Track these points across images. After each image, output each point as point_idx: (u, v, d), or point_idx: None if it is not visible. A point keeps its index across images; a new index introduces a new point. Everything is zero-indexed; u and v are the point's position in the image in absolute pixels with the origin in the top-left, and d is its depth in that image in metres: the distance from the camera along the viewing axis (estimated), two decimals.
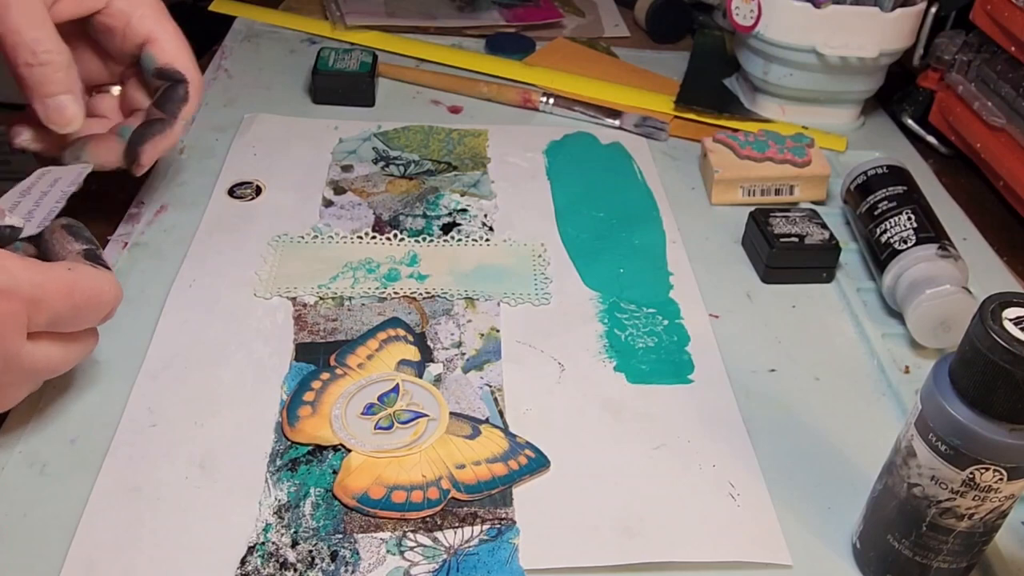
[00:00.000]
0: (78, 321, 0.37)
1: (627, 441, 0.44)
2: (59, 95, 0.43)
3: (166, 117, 0.48)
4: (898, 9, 0.66)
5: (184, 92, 0.48)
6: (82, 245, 0.40)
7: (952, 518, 0.34)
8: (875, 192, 0.57)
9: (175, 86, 0.48)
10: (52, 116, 0.44)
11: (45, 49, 0.42)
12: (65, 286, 0.36)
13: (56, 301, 0.35)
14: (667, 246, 0.57)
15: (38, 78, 0.43)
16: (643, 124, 0.69)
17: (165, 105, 0.48)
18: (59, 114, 0.44)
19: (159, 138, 0.47)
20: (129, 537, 0.37)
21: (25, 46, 0.42)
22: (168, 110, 0.48)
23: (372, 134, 0.66)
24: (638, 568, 0.38)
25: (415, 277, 0.52)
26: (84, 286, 0.37)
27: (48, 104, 0.44)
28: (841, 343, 0.51)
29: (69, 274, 0.36)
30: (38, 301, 0.35)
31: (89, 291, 0.37)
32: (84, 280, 0.37)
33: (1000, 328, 0.31)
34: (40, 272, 0.35)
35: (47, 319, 0.36)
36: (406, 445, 0.42)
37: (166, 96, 0.48)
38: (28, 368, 0.37)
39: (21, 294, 0.34)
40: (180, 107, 0.48)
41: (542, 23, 0.86)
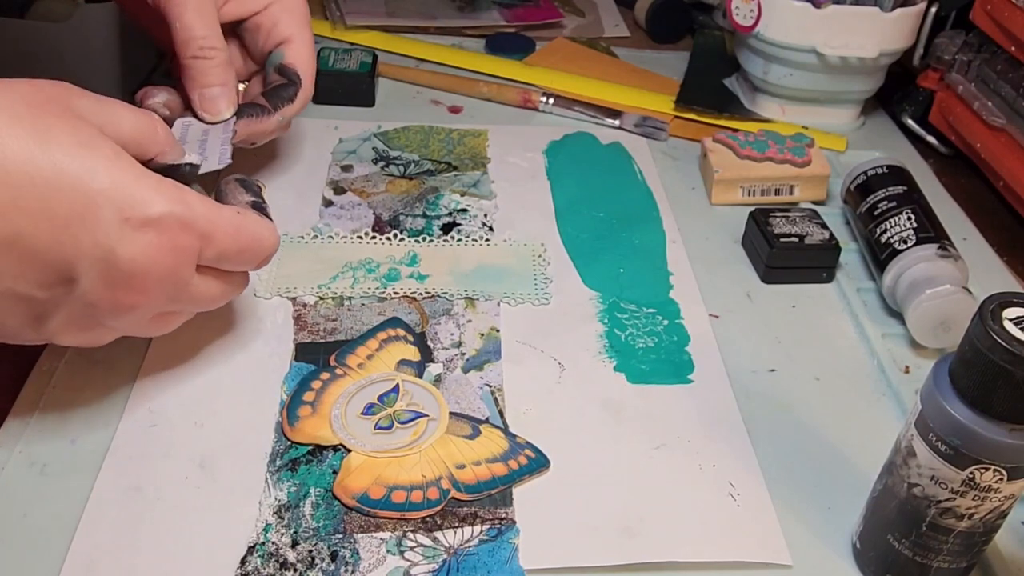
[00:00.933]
0: (240, 261, 0.40)
1: (627, 441, 0.44)
2: (215, 86, 0.48)
3: (267, 106, 0.50)
4: (898, 9, 0.66)
5: (293, 93, 0.51)
6: (251, 197, 0.43)
7: (952, 518, 0.34)
8: (875, 192, 0.57)
9: (288, 85, 0.51)
10: (205, 104, 0.48)
11: (212, 46, 0.47)
12: (234, 227, 0.39)
13: (225, 239, 0.38)
14: (667, 246, 0.57)
15: (200, 68, 0.47)
16: (643, 124, 0.69)
17: (271, 97, 0.51)
18: (212, 103, 0.48)
19: (253, 120, 0.50)
20: (129, 537, 0.37)
21: (195, 41, 0.47)
22: (272, 101, 0.50)
23: (372, 134, 0.66)
24: (638, 568, 0.38)
25: (415, 277, 0.52)
26: (250, 230, 0.40)
27: (204, 93, 0.48)
28: (841, 343, 0.51)
29: (238, 217, 0.39)
30: (210, 236, 0.38)
31: (254, 235, 0.40)
32: (251, 225, 0.40)
33: (1000, 328, 0.31)
34: (215, 210, 0.38)
35: (215, 254, 0.38)
36: (406, 445, 0.42)
37: (275, 90, 0.51)
38: (190, 298, 0.39)
39: (197, 227, 0.37)
40: (283, 104, 0.51)
41: (542, 23, 0.86)
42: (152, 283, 0.36)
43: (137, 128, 0.38)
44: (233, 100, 0.49)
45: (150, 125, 0.39)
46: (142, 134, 0.38)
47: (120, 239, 0.34)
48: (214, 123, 0.48)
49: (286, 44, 0.52)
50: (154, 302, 0.37)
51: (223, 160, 0.45)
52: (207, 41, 0.47)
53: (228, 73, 0.49)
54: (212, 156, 0.45)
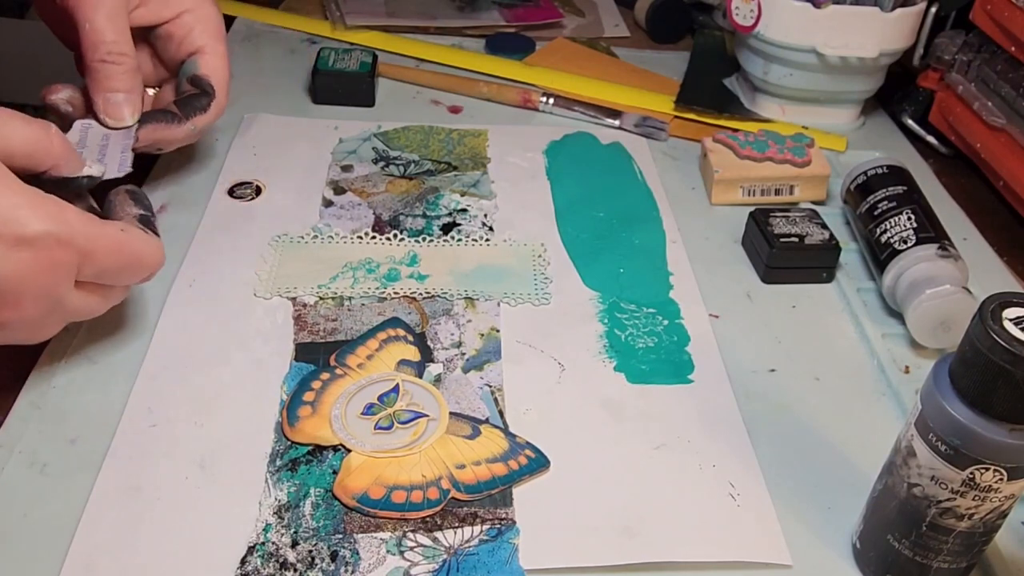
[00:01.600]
0: (120, 278, 0.41)
1: (627, 441, 0.44)
2: (120, 92, 0.48)
3: (178, 113, 0.50)
4: (898, 9, 0.66)
5: (206, 103, 0.51)
6: (139, 210, 0.43)
7: (952, 518, 0.34)
8: (875, 192, 0.57)
9: (201, 95, 0.51)
10: (109, 109, 0.48)
11: (120, 51, 0.47)
12: (115, 244, 0.39)
13: (105, 257, 0.38)
14: (667, 246, 0.57)
15: (107, 73, 0.47)
16: (643, 124, 0.69)
17: (183, 105, 0.50)
18: (116, 108, 0.48)
19: (162, 126, 0.49)
20: (129, 537, 0.37)
21: (104, 46, 0.47)
22: (184, 110, 0.50)
23: (372, 134, 0.66)
24: (638, 568, 0.38)
25: (415, 277, 0.52)
26: (132, 247, 0.40)
27: (108, 98, 0.48)
28: (841, 343, 0.51)
29: (121, 234, 0.39)
30: (90, 253, 0.38)
31: (136, 253, 0.40)
32: (133, 242, 0.40)
33: (1000, 328, 0.31)
34: (95, 227, 0.38)
35: (94, 271, 0.39)
36: (406, 445, 0.42)
37: (188, 100, 0.51)
38: (68, 311, 0.40)
39: (76, 245, 0.37)
40: (196, 113, 0.51)
41: (542, 23, 0.86)
42: (26, 300, 0.36)
43: (29, 140, 0.38)
44: (137, 107, 0.49)
45: (44, 138, 0.39)
46: (34, 147, 0.38)
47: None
48: (116, 128, 0.48)
49: (199, 54, 0.52)
50: (28, 316, 0.37)
51: (123, 168, 0.45)
52: (116, 47, 0.47)
53: (134, 80, 0.48)
54: (112, 164, 0.45)
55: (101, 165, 0.43)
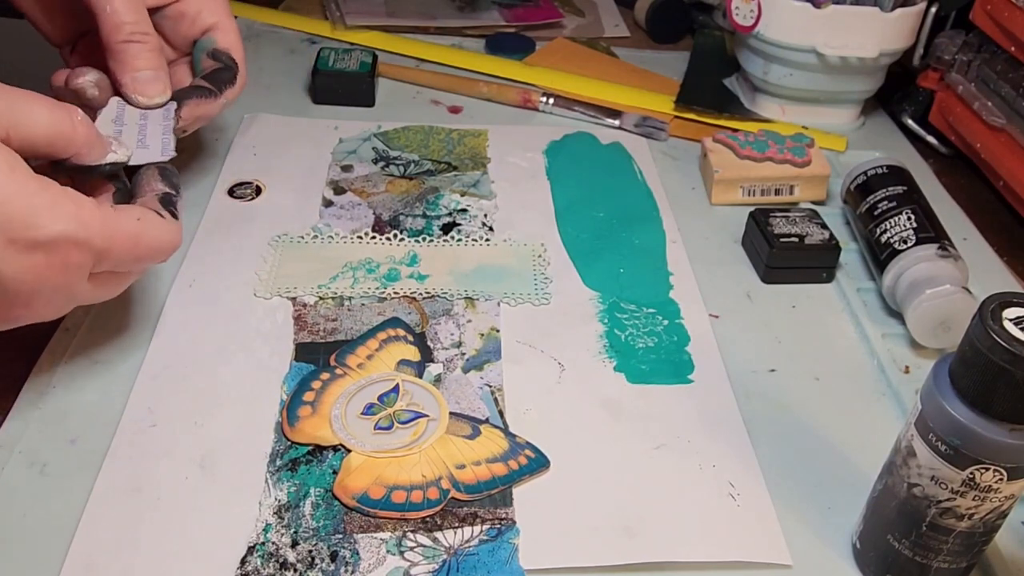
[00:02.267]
0: (135, 266, 0.40)
1: (627, 441, 0.44)
2: (147, 70, 0.47)
3: (212, 88, 0.50)
4: (898, 9, 0.66)
5: (232, 76, 0.52)
6: (164, 188, 0.42)
7: (952, 518, 0.34)
8: (875, 192, 0.57)
9: (225, 69, 0.51)
10: (139, 87, 0.47)
11: (142, 31, 0.47)
12: (132, 238, 0.38)
13: (121, 252, 0.38)
14: (667, 246, 0.57)
15: (133, 52, 0.47)
16: (643, 124, 0.69)
17: (213, 80, 0.51)
18: (147, 85, 0.47)
19: (201, 101, 0.50)
20: (129, 537, 0.37)
21: (126, 27, 0.46)
22: (216, 84, 0.51)
23: (372, 134, 0.66)
24: (638, 568, 0.38)
25: (415, 277, 0.52)
26: (149, 237, 0.39)
27: (137, 76, 0.47)
28: (841, 343, 0.51)
29: (137, 224, 0.39)
30: (106, 251, 0.37)
31: (152, 244, 0.39)
32: (150, 231, 0.39)
33: (1000, 328, 0.31)
34: (112, 223, 0.37)
35: (110, 265, 0.38)
36: (406, 445, 0.42)
37: (215, 74, 0.51)
38: (81, 300, 0.39)
39: (92, 245, 0.36)
40: (226, 86, 0.51)
41: (542, 23, 0.86)
42: (39, 299, 0.36)
43: (53, 128, 0.37)
44: (167, 84, 0.48)
45: (68, 125, 0.38)
46: (57, 134, 0.37)
47: (4, 259, 0.34)
48: (149, 107, 0.47)
49: (214, 30, 0.52)
50: (40, 313, 0.37)
51: (167, 152, 0.44)
52: (138, 27, 0.47)
53: (160, 58, 0.48)
54: (154, 146, 0.44)
55: (127, 149, 0.42)
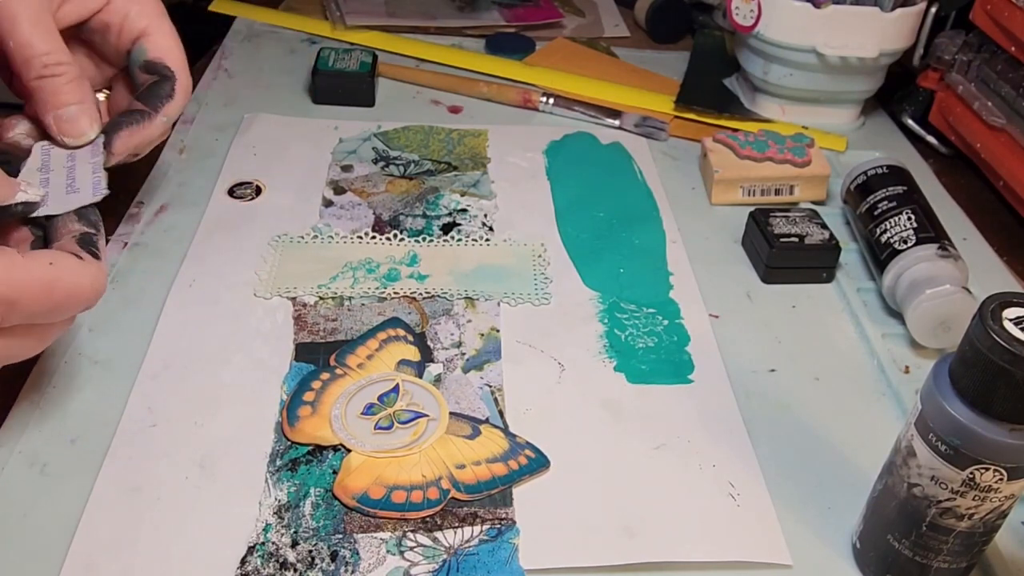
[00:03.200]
0: (54, 316, 0.36)
1: (627, 441, 0.44)
2: (71, 105, 0.42)
3: (146, 109, 0.45)
4: (898, 9, 0.66)
5: (170, 89, 0.46)
6: (82, 227, 0.39)
7: (952, 518, 0.34)
8: (875, 192, 0.57)
9: (161, 82, 0.46)
10: (64, 127, 0.42)
11: (57, 61, 0.41)
12: (44, 286, 0.34)
13: (33, 302, 0.34)
14: (667, 246, 0.57)
15: (50, 89, 0.42)
16: (643, 124, 0.69)
17: (148, 99, 0.45)
18: (72, 124, 0.42)
19: (135, 128, 0.44)
20: (129, 537, 0.37)
21: (37, 59, 0.41)
22: (150, 103, 0.45)
23: (372, 134, 0.66)
24: (638, 568, 0.38)
25: (415, 277, 0.52)
26: (64, 283, 0.35)
27: (60, 115, 0.42)
28: (841, 343, 0.51)
29: (50, 270, 0.35)
30: (14, 302, 0.33)
31: (69, 288, 0.35)
32: (65, 276, 0.35)
33: (1000, 328, 0.31)
34: (21, 270, 0.34)
35: (22, 318, 0.34)
36: (406, 445, 0.42)
37: (150, 90, 0.46)
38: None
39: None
40: (163, 103, 0.45)
41: (542, 23, 0.86)
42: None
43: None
44: (95, 117, 0.43)
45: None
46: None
47: None
48: (78, 146, 0.43)
49: (144, 37, 0.46)
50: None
51: (98, 191, 0.41)
52: (51, 57, 0.41)
53: (83, 88, 0.43)
54: (85, 187, 0.41)
55: (37, 188, 0.38)
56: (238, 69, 0.74)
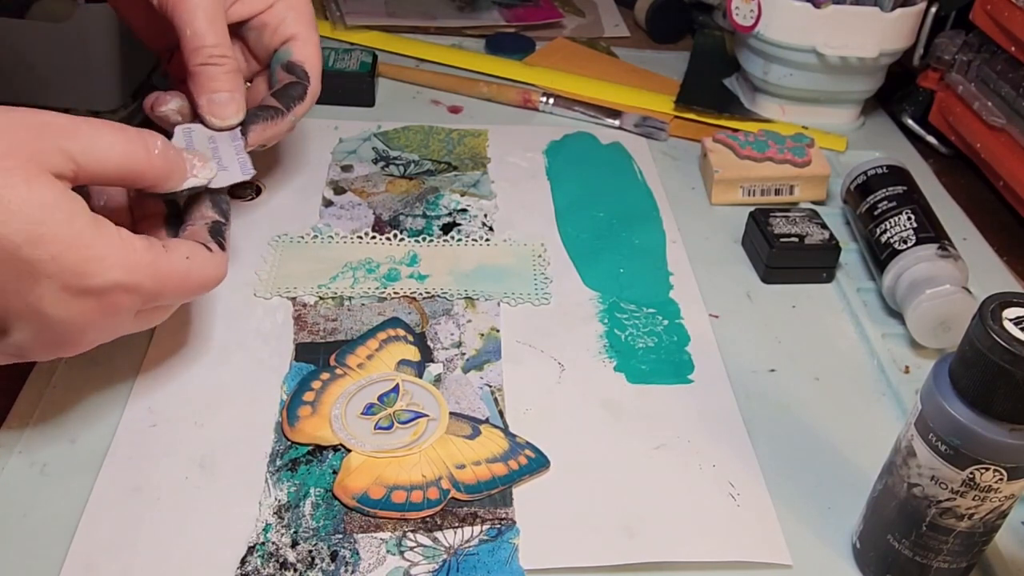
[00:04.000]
0: (182, 301, 0.40)
1: (627, 441, 0.44)
2: (224, 92, 0.47)
3: (279, 107, 0.49)
4: (898, 9, 0.66)
5: (302, 91, 0.50)
6: (215, 216, 0.42)
7: (952, 518, 0.34)
8: (875, 192, 0.57)
9: (296, 84, 0.50)
10: (214, 109, 0.47)
11: (222, 54, 0.47)
12: (180, 279, 0.38)
13: (171, 293, 0.38)
14: (667, 246, 0.57)
15: (210, 75, 0.47)
16: (643, 124, 0.69)
17: (282, 97, 0.50)
18: (221, 107, 0.47)
19: (269, 123, 0.49)
20: (129, 537, 0.37)
21: (206, 49, 0.46)
22: (283, 102, 0.50)
23: (372, 134, 0.66)
24: (638, 568, 0.38)
25: (415, 277, 0.52)
26: (197, 275, 0.39)
27: (213, 98, 0.47)
28: (841, 343, 0.51)
29: (186, 264, 0.38)
30: (156, 294, 0.37)
31: (200, 280, 0.39)
32: (198, 270, 0.39)
33: (1000, 328, 0.31)
34: (162, 265, 0.37)
35: (157, 303, 0.38)
36: (406, 445, 0.42)
37: (285, 90, 0.50)
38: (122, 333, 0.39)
39: (142, 289, 0.36)
40: (295, 103, 0.50)
41: (542, 23, 0.86)
42: (86, 340, 0.37)
43: (127, 159, 0.36)
44: (242, 106, 0.48)
45: (143, 157, 0.37)
46: (130, 167, 0.37)
47: (55, 304, 0.34)
48: (220, 129, 0.47)
49: (292, 41, 0.51)
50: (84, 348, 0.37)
51: (246, 170, 0.45)
52: (217, 49, 0.47)
53: (237, 79, 0.48)
54: (233, 167, 0.45)
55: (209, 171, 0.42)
56: None
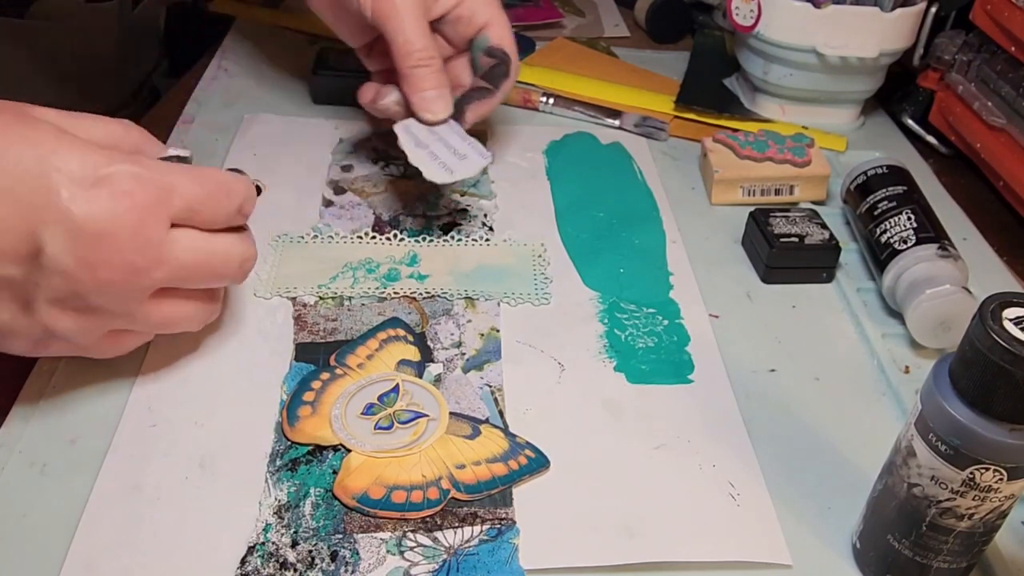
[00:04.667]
0: (213, 209, 0.40)
1: (627, 441, 0.44)
2: (432, 90, 0.54)
3: (489, 87, 0.57)
4: (898, 9, 0.66)
5: (507, 69, 0.58)
6: None
7: (952, 518, 0.34)
8: (875, 192, 0.57)
9: (500, 65, 0.57)
10: (425, 105, 0.54)
11: (429, 56, 0.54)
12: (195, 176, 0.39)
13: (189, 187, 0.38)
14: (667, 246, 0.57)
15: (420, 75, 0.54)
16: (643, 124, 0.69)
17: (491, 78, 0.57)
18: (431, 104, 0.54)
19: (482, 102, 0.57)
20: (129, 537, 0.37)
21: (415, 54, 0.53)
22: (492, 82, 0.57)
23: (372, 134, 0.66)
24: (638, 568, 0.38)
25: (415, 277, 0.52)
26: (214, 176, 0.40)
27: (425, 96, 0.54)
28: (841, 343, 0.51)
29: (199, 167, 0.40)
30: (171, 187, 0.38)
31: (219, 180, 0.40)
32: (213, 172, 0.40)
33: (1000, 328, 0.31)
34: (173, 166, 0.39)
35: (183, 205, 0.38)
36: (406, 445, 0.42)
37: (492, 71, 0.57)
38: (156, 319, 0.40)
39: (154, 180, 0.37)
40: (502, 82, 0.58)
41: (542, 23, 0.86)
42: (122, 242, 0.36)
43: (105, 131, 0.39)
44: (448, 102, 0.55)
45: (121, 128, 0.40)
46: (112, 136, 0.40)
47: (74, 200, 0.35)
48: (432, 123, 0.55)
49: (487, 28, 0.58)
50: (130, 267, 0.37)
51: (484, 154, 0.53)
52: (425, 52, 0.53)
53: (443, 78, 0.55)
54: (470, 153, 0.53)
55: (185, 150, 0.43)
56: (238, 69, 0.74)
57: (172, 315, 0.41)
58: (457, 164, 0.52)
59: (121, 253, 0.36)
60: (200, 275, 0.40)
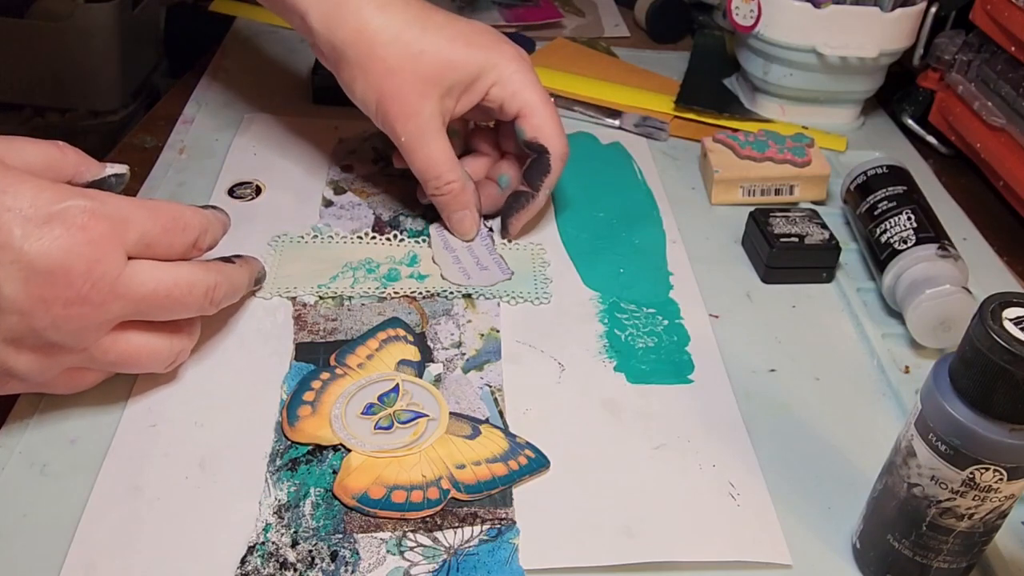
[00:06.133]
0: (171, 243, 0.40)
1: (627, 441, 0.44)
2: (457, 212, 0.54)
3: (529, 191, 0.54)
4: (898, 9, 0.66)
5: (547, 163, 0.53)
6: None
7: (952, 518, 0.34)
8: (875, 192, 0.57)
9: (539, 159, 0.54)
10: (454, 227, 0.55)
11: (450, 180, 0.52)
12: (148, 208, 0.39)
13: (142, 220, 0.38)
14: (667, 246, 0.57)
15: (442, 203, 0.54)
16: (643, 124, 0.69)
17: (530, 178, 0.54)
18: (459, 226, 0.54)
19: (524, 210, 0.55)
20: (129, 537, 0.37)
21: (432, 181, 0.53)
22: (532, 183, 0.54)
23: (372, 134, 0.66)
24: (638, 568, 0.38)
25: (415, 277, 0.52)
26: (167, 210, 0.40)
27: (451, 218, 0.54)
28: (841, 343, 0.51)
29: (151, 201, 0.40)
30: (125, 219, 0.38)
31: (173, 215, 0.40)
32: (168, 206, 0.41)
33: (1000, 328, 0.31)
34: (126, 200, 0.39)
35: (137, 236, 0.38)
36: (406, 445, 0.42)
37: (531, 168, 0.54)
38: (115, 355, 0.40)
39: (106, 212, 0.37)
40: (543, 178, 0.54)
41: (542, 23, 0.86)
42: (76, 276, 0.36)
43: (43, 154, 0.39)
44: (476, 220, 0.55)
45: (57, 150, 0.40)
46: (49, 159, 0.39)
47: (27, 238, 0.35)
48: (466, 241, 0.55)
49: (520, 119, 0.53)
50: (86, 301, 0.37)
51: (504, 271, 0.53)
52: (441, 179, 0.52)
53: (466, 197, 0.53)
54: (492, 266, 0.53)
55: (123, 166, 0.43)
56: (238, 69, 0.74)
57: (135, 349, 0.40)
58: (477, 273, 0.52)
59: (75, 288, 0.36)
60: (162, 307, 0.40)
